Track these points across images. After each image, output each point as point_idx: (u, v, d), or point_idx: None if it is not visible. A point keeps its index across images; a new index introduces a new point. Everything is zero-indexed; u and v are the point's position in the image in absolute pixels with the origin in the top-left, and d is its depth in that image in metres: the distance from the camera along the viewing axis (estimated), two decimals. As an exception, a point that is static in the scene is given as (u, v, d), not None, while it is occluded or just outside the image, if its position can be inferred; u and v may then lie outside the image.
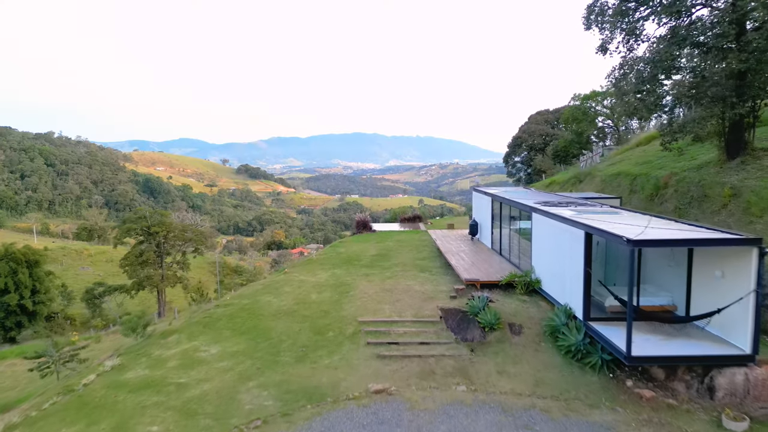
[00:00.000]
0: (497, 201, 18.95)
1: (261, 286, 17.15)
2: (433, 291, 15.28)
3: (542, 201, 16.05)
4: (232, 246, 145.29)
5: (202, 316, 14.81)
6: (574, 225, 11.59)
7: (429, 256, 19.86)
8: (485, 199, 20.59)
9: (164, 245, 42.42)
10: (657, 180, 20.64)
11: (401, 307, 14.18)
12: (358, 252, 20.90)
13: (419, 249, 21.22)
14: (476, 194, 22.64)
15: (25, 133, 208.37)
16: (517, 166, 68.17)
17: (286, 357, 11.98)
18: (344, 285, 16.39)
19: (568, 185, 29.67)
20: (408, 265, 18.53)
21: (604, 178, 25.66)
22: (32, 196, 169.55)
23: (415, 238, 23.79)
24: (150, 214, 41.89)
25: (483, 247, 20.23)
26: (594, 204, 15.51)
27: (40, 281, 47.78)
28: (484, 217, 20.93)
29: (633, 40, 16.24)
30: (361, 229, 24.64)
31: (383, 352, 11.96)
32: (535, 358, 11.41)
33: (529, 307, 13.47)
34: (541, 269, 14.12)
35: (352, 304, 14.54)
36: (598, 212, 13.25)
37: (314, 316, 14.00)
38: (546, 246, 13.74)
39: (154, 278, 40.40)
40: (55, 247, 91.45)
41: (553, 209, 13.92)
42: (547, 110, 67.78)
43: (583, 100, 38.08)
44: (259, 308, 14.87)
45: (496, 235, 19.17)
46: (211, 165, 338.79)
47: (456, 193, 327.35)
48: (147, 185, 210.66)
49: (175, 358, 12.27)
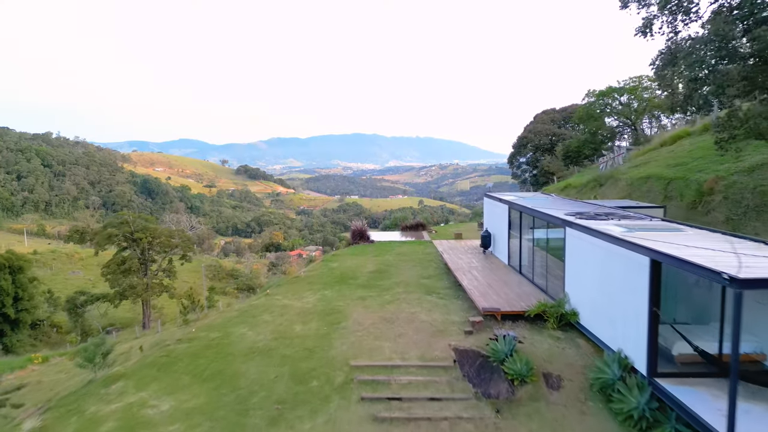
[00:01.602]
0: (516, 210, 16.18)
1: (236, 313, 14.37)
2: (442, 321, 12.53)
3: (575, 212, 13.29)
4: (230, 248, 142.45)
5: (159, 354, 12.04)
6: (632, 249, 8.83)
7: (436, 274, 17.11)
8: (500, 207, 17.81)
9: (149, 252, 39.63)
10: (699, 185, 17.89)
11: (404, 344, 11.43)
12: (353, 268, 18.13)
13: (424, 264, 18.45)
14: (489, 201, 19.86)
15: (22, 134, 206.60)
16: (523, 167, 65.57)
17: (255, 418, 9.22)
18: (335, 312, 13.63)
19: (586, 189, 26.91)
20: (411, 285, 15.77)
21: (630, 182, 22.90)
22: (28, 197, 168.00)
23: (419, 250, 21.03)
24: (133, 219, 39.09)
25: (498, 263, 17.46)
26: (638, 216, 12.74)
27: (23, 288, 45.18)
28: (498, 228, 18.17)
29: (683, 18, 13.49)
30: (357, 240, 21.82)
31: (382, 413, 9.20)
32: (582, 424, 8.64)
33: (565, 347, 10.71)
34: (579, 298, 11.35)
35: (343, 340, 11.79)
36: (653, 229, 10.49)
37: (296, 356, 11.23)
38: (586, 270, 10.98)
39: (137, 288, 37.58)
40: (45, 250, 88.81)
41: (592, 223, 11.17)
42: (553, 109, 65.15)
43: (598, 96, 35.30)
44: (230, 344, 12.11)
45: (515, 250, 16.40)
46: (211, 166, 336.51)
47: (456, 193, 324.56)
48: (145, 186, 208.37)
49: (113, 417, 9.51)
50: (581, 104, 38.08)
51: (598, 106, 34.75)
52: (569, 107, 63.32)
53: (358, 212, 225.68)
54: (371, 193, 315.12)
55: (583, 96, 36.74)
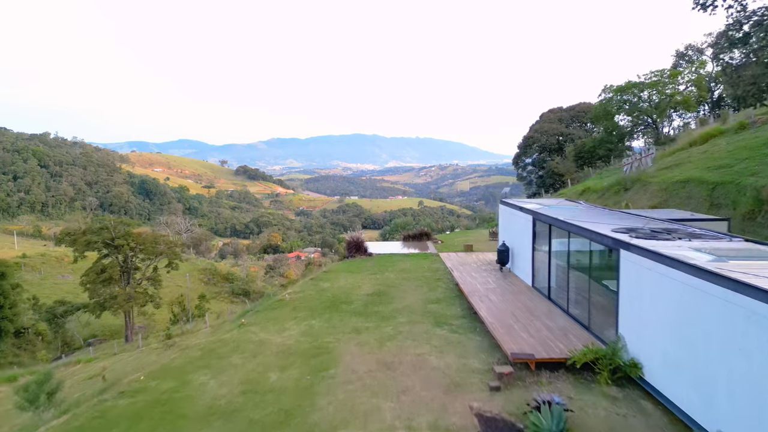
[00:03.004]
0: (543, 222, 13.42)
1: (199, 352, 11.59)
2: (459, 369, 9.79)
3: (624, 227, 10.54)
4: (228, 249, 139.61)
5: (91, 415, 9.27)
6: (742, 291, 6.08)
7: (445, 297, 14.36)
8: (521, 218, 15.05)
9: (132, 259, 36.89)
10: (756, 191, 15.15)
11: (410, 405, 8.67)
12: (347, 289, 15.37)
13: (431, 284, 15.69)
14: (506, 209, 17.07)
15: (19, 134, 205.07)
16: (529, 168, 62.95)
17: None
18: (322, 352, 10.88)
19: (609, 194, 24.15)
20: (417, 313, 13.03)
21: (664, 186, 20.14)
22: (25, 198, 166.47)
23: (424, 265, 18.26)
24: (115, 224, 36.34)
25: (520, 285, 14.71)
26: (712, 234, 9.97)
27: (5, 295, 42.56)
28: (519, 242, 15.43)
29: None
30: (353, 253, 18.99)
31: None
32: None
33: (627, 414, 7.94)
34: (642, 345, 8.60)
35: (330, 397, 9.03)
36: (750, 256, 7.75)
37: (267, 421, 8.47)
38: (652, 309, 8.23)
39: (118, 298, 34.83)
40: (35, 253, 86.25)
41: (658, 246, 8.44)
42: (560, 108, 62.61)
43: (616, 92, 32.55)
44: (185, 400, 9.36)
45: (541, 270, 13.66)
46: (210, 166, 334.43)
47: (456, 194, 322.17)
48: (143, 187, 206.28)
49: None
50: (597, 101, 35.32)
51: (616, 103, 32.00)
52: (577, 106, 60.75)
53: (357, 213, 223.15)
54: (371, 194, 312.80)
55: (599, 92, 34.02)
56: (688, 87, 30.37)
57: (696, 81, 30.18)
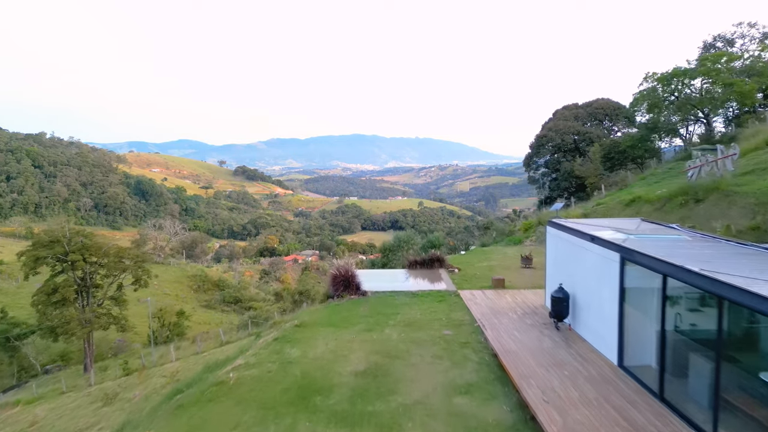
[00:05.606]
0: (646, 268, 8.07)
1: None
2: None
3: None
4: (224, 252, 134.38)
5: None
6: None
7: (480, 379, 9.04)
8: (595, 254, 9.69)
9: (91, 277, 31.66)
10: None
11: None
12: (326, 362, 10.00)
13: (454, 352, 10.32)
14: (559, 235, 11.68)
15: (14, 134, 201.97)
16: (541, 170, 57.86)
17: None
18: None
19: (672, 206, 18.79)
20: (437, 419, 7.73)
21: (763, 198, 14.87)
22: (18, 199, 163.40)
23: (440, 313, 12.85)
24: (70, 236, 31.08)
25: (595, 359, 9.38)
26: None
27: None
28: (587, 287, 10.14)
29: None
30: (340, 291, 13.44)
31: None
32: None
33: None
34: None
35: None
36: None
37: None
38: None
39: (72, 324, 29.54)
40: (12, 260, 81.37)
41: None
42: (575, 104, 57.57)
43: (661, 81, 27.19)
44: None
45: (642, 343, 8.36)
46: (208, 166, 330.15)
47: (456, 194, 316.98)
48: (139, 187, 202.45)
49: None
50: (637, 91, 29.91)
51: (664, 93, 26.62)
52: (594, 102, 55.78)
53: (357, 214, 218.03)
54: (371, 194, 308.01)
55: (641, 80, 28.63)
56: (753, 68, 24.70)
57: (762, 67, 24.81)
